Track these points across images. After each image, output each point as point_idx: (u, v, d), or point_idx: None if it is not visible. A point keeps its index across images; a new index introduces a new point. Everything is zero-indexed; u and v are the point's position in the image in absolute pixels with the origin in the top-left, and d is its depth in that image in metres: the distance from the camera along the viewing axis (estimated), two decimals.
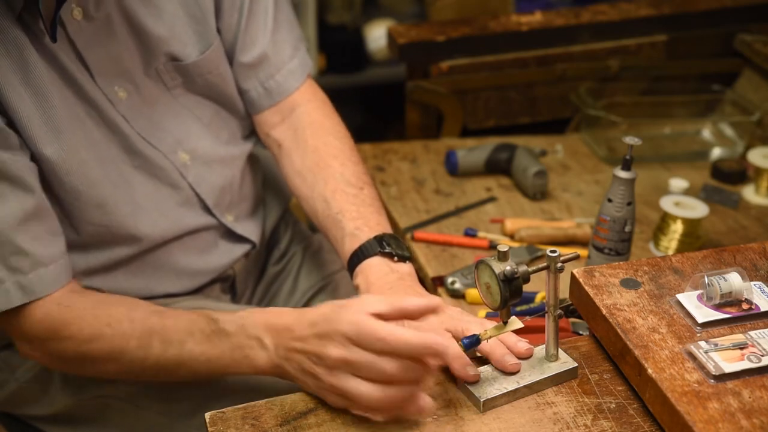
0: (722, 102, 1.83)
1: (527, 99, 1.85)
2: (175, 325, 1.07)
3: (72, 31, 1.10)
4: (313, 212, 1.27)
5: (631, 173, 1.22)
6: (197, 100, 1.27)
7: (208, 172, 1.27)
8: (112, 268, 1.21)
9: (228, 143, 1.32)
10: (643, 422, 0.91)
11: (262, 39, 1.29)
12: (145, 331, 1.07)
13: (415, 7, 2.85)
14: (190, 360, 1.06)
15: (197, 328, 1.06)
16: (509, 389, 0.94)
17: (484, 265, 0.92)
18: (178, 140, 1.24)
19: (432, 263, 1.41)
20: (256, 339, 1.02)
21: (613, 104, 1.79)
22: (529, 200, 1.58)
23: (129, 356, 1.07)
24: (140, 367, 1.08)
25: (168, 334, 1.06)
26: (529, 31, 1.82)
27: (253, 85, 1.32)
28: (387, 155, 1.71)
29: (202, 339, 1.05)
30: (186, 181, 1.24)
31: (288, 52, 1.33)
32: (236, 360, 1.03)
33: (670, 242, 1.42)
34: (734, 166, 1.66)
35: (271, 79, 1.32)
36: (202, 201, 1.27)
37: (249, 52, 1.29)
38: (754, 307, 0.96)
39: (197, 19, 1.23)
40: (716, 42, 1.91)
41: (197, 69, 1.24)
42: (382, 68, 2.71)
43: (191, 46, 1.23)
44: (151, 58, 1.19)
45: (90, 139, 1.14)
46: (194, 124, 1.27)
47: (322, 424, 0.91)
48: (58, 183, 1.11)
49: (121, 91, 1.16)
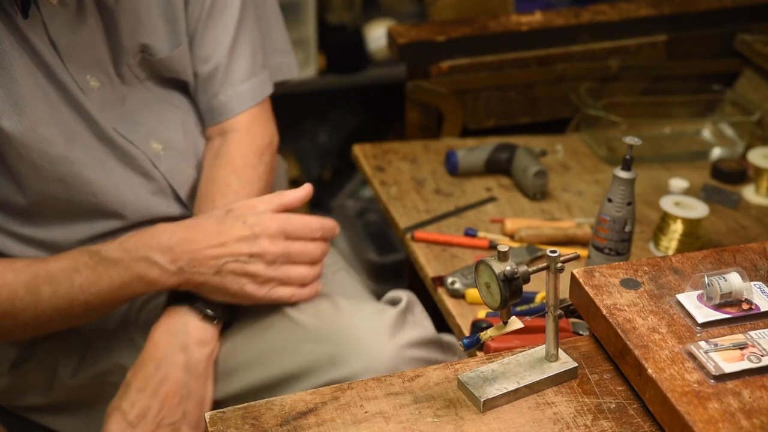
0: (722, 102, 1.83)
1: (527, 99, 1.85)
2: (58, 265, 1.10)
3: (46, 15, 1.10)
4: None
5: (631, 173, 1.22)
6: (168, 91, 1.27)
7: (182, 163, 1.27)
8: (83, 242, 1.21)
9: (202, 134, 1.32)
10: (643, 422, 0.91)
11: (217, 54, 1.28)
12: (30, 277, 1.09)
13: (415, 7, 2.85)
14: (81, 294, 1.10)
15: (81, 263, 1.10)
16: (509, 389, 0.94)
17: (484, 265, 0.92)
18: (152, 131, 1.24)
19: (432, 263, 1.41)
20: (144, 258, 1.10)
21: (613, 104, 1.79)
22: (529, 200, 1.58)
23: (20, 305, 1.09)
24: (33, 314, 1.09)
25: (53, 275, 1.09)
26: (529, 31, 1.82)
27: (203, 99, 1.31)
28: (387, 155, 1.71)
29: (88, 272, 1.09)
30: (158, 171, 1.24)
31: (240, 75, 1.30)
32: (127, 283, 1.10)
33: (670, 242, 1.42)
34: (734, 166, 1.66)
35: (215, 98, 1.30)
36: (175, 192, 1.26)
37: (203, 64, 1.28)
38: (754, 307, 0.96)
39: (169, 18, 1.23)
40: (716, 42, 1.91)
41: (167, 65, 1.24)
42: (382, 68, 2.71)
43: (163, 43, 1.22)
44: (122, 53, 1.19)
45: (58, 118, 1.13)
46: (169, 114, 1.26)
47: (322, 424, 0.91)
48: (15, 156, 1.11)
49: (93, 80, 1.17)
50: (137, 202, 1.23)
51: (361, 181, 2.71)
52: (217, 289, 1.13)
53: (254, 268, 1.12)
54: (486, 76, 1.80)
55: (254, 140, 1.31)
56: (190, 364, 1.14)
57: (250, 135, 1.31)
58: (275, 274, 1.14)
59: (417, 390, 0.95)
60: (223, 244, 1.12)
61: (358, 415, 0.92)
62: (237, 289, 1.13)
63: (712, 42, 1.91)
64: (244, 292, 1.13)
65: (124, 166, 1.21)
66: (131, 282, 1.11)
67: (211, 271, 1.11)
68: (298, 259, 1.15)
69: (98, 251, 1.11)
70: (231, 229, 1.13)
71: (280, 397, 0.95)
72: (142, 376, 1.13)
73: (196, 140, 1.30)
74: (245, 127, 1.31)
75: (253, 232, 1.12)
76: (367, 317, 1.17)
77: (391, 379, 0.97)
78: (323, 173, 2.85)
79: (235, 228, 1.13)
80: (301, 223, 1.16)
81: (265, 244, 1.12)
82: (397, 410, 0.92)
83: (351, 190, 2.77)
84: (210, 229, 1.13)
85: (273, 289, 1.15)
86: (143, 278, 1.11)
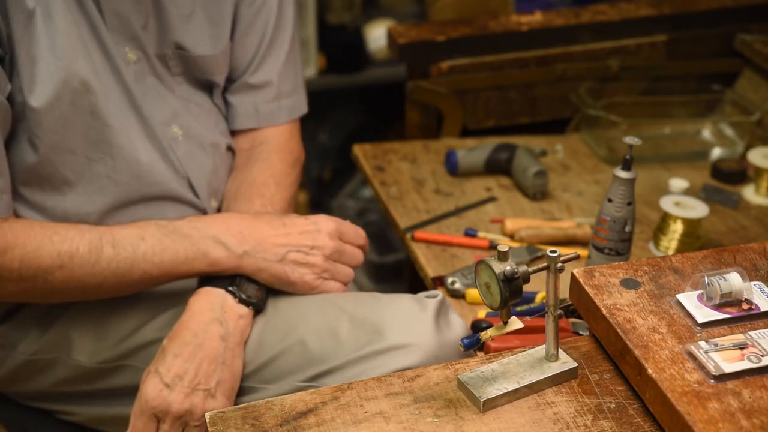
0: (722, 102, 1.83)
1: (527, 99, 1.85)
2: (123, 231, 1.13)
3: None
4: None
5: (631, 173, 1.22)
6: (195, 91, 1.32)
7: (199, 152, 1.31)
8: (94, 215, 1.22)
9: (223, 134, 1.36)
10: (643, 422, 0.91)
11: (272, 69, 1.37)
12: (95, 237, 1.12)
13: (415, 7, 2.85)
14: (143, 262, 1.12)
15: (148, 233, 1.14)
16: (509, 389, 0.94)
17: (484, 265, 0.92)
18: (174, 115, 1.28)
19: (432, 263, 1.41)
20: (212, 237, 1.15)
21: (613, 104, 1.79)
22: (529, 200, 1.58)
23: (79, 261, 1.10)
24: (90, 273, 1.11)
25: (118, 239, 1.12)
26: (529, 31, 1.82)
27: (245, 102, 1.38)
28: (387, 155, 1.71)
29: (153, 241, 1.13)
30: (175, 154, 1.27)
31: (288, 89, 1.40)
32: (190, 259, 1.14)
33: (670, 242, 1.42)
34: (734, 166, 1.66)
35: (266, 104, 1.38)
36: (188, 179, 1.29)
37: (258, 75, 1.36)
38: (754, 307, 0.96)
39: (214, 22, 1.29)
40: (716, 42, 1.91)
41: (202, 65, 1.29)
42: (382, 68, 2.71)
43: (202, 44, 1.28)
44: (163, 40, 1.24)
45: (97, 74, 1.16)
46: (193, 108, 1.31)
47: (322, 424, 0.92)
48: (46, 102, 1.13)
49: (132, 53, 1.21)
50: (154, 173, 1.25)
51: (361, 181, 2.71)
52: (278, 276, 1.19)
53: (314, 260, 1.21)
54: (486, 76, 1.80)
55: (291, 151, 1.41)
56: (227, 336, 1.16)
57: (288, 146, 1.41)
58: (330, 267, 1.23)
59: (417, 390, 0.95)
60: (287, 235, 1.20)
61: (358, 415, 0.92)
62: (297, 277, 1.20)
63: (712, 42, 1.91)
64: (304, 281, 1.20)
65: (145, 138, 1.23)
66: (195, 258, 1.15)
67: (276, 258, 1.18)
68: (345, 259, 1.25)
69: (167, 224, 1.15)
70: (294, 223, 1.21)
71: (280, 398, 0.95)
72: (179, 343, 1.14)
73: (214, 136, 1.34)
74: (284, 138, 1.41)
75: (315, 227, 1.22)
76: (408, 304, 1.18)
77: (391, 379, 0.97)
78: (323, 173, 2.85)
79: (298, 222, 1.22)
80: (351, 229, 1.27)
81: (325, 239, 1.22)
82: (397, 410, 0.93)
83: (351, 190, 2.77)
84: (275, 221, 1.21)
85: (326, 282, 1.23)
86: (207, 256, 1.15)
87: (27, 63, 1.11)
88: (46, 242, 1.10)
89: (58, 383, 1.27)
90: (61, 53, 1.12)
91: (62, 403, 1.30)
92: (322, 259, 1.22)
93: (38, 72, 1.12)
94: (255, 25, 1.34)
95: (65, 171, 1.19)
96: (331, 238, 1.23)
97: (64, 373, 1.25)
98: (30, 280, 1.11)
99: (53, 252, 1.10)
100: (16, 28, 1.10)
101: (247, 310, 1.19)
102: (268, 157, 1.37)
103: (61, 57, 1.12)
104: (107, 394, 1.27)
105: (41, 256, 1.10)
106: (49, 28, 1.11)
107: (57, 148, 1.16)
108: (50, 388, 1.28)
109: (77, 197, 1.21)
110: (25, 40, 1.11)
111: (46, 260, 1.10)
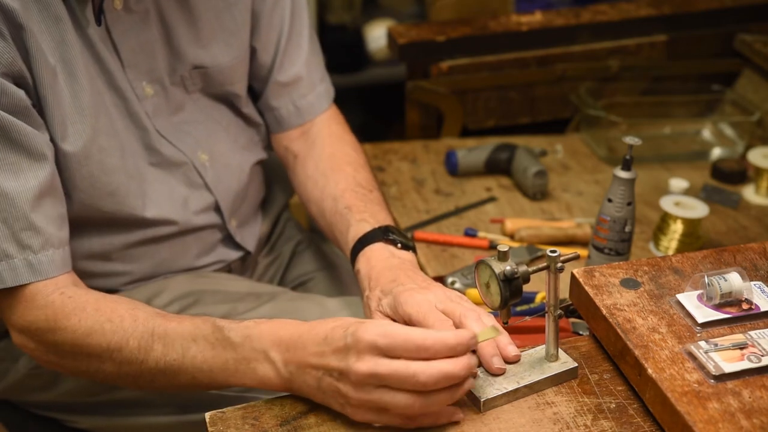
0: (722, 102, 1.83)
1: (527, 99, 1.85)
2: (178, 329, 1.03)
3: (110, 20, 1.11)
4: (320, 213, 1.29)
5: (631, 173, 1.22)
6: (214, 105, 1.30)
7: (226, 174, 1.30)
8: (109, 254, 1.21)
9: (245, 149, 1.35)
10: (643, 422, 0.91)
11: (299, 60, 1.36)
12: (146, 331, 1.03)
13: (415, 7, 2.85)
14: (191, 367, 1.02)
15: (201, 335, 1.01)
16: (509, 389, 0.94)
17: (484, 265, 0.92)
18: (198, 141, 1.26)
19: (432, 263, 1.41)
20: (262, 352, 0.97)
21: (613, 104, 1.79)
22: (529, 200, 1.58)
23: (127, 355, 1.03)
24: (137, 370, 1.04)
25: (170, 338, 1.02)
26: (529, 31, 1.82)
27: (284, 103, 1.36)
28: (387, 155, 1.71)
29: (206, 346, 1.01)
30: (203, 180, 1.26)
31: (318, 76, 1.39)
32: (240, 371, 0.99)
33: (670, 242, 1.42)
34: (734, 166, 1.66)
35: (303, 98, 1.37)
36: (216, 202, 1.28)
37: (286, 71, 1.35)
38: (754, 307, 0.96)
39: (230, 31, 1.26)
40: (716, 42, 1.91)
41: (218, 77, 1.27)
42: (382, 68, 2.71)
43: (219, 56, 1.26)
44: (177, 63, 1.22)
45: (113, 127, 1.14)
46: (214, 126, 1.29)
47: (322, 424, 0.91)
48: (75, 166, 1.10)
49: (149, 88, 1.19)
50: (179, 213, 1.24)
51: None
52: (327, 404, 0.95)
53: (344, 389, 0.91)
54: (486, 76, 1.80)
55: (344, 124, 1.40)
56: None
57: (338, 122, 1.39)
58: (368, 398, 0.89)
59: None
60: (321, 354, 0.93)
61: None
62: (339, 408, 0.93)
63: (712, 42, 1.91)
64: (347, 413, 0.93)
65: (165, 175, 1.22)
66: (245, 373, 0.99)
67: (315, 384, 0.94)
68: (392, 383, 0.88)
69: (222, 327, 1.01)
70: (333, 336, 0.93)
71: (280, 397, 0.95)
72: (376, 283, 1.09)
73: (238, 154, 1.33)
74: (330, 120, 1.39)
75: (345, 344, 0.91)
76: None
77: None
78: None
79: (336, 335, 0.92)
80: (402, 337, 0.88)
81: (351, 361, 0.90)
82: None
83: None
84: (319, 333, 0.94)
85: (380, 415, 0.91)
86: (255, 372, 0.98)
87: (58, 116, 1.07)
88: (98, 329, 1.04)
89: (60, 395, 1.27)
90: (86, 114, 1.09)
91: (66, 413, 1.30)
92: (352, 388, 0.90)
93: (69, 126, 1.08)
94: (274, 17, 1.31)
95: (93, 223, 1.17)
96: (360, 359, 0.89)
97: (66, 386, 1.25)
98: (74, 363, 1.07)
99: (103, 342, 1.03)
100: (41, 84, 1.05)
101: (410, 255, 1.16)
102: (329, 130, 1.37)
103: (87, 115, 1.10)
104: (111, 405, 1.27)
105: (91, 344, 1.04)
106: (74, 86, 1.08)
107: (88, 206, 1.15)
108: (54, 399, 1.28)
109: (102, 240, 1.20)
110: (50, 96, 1.06)
111: (95, 349, 1.04)
